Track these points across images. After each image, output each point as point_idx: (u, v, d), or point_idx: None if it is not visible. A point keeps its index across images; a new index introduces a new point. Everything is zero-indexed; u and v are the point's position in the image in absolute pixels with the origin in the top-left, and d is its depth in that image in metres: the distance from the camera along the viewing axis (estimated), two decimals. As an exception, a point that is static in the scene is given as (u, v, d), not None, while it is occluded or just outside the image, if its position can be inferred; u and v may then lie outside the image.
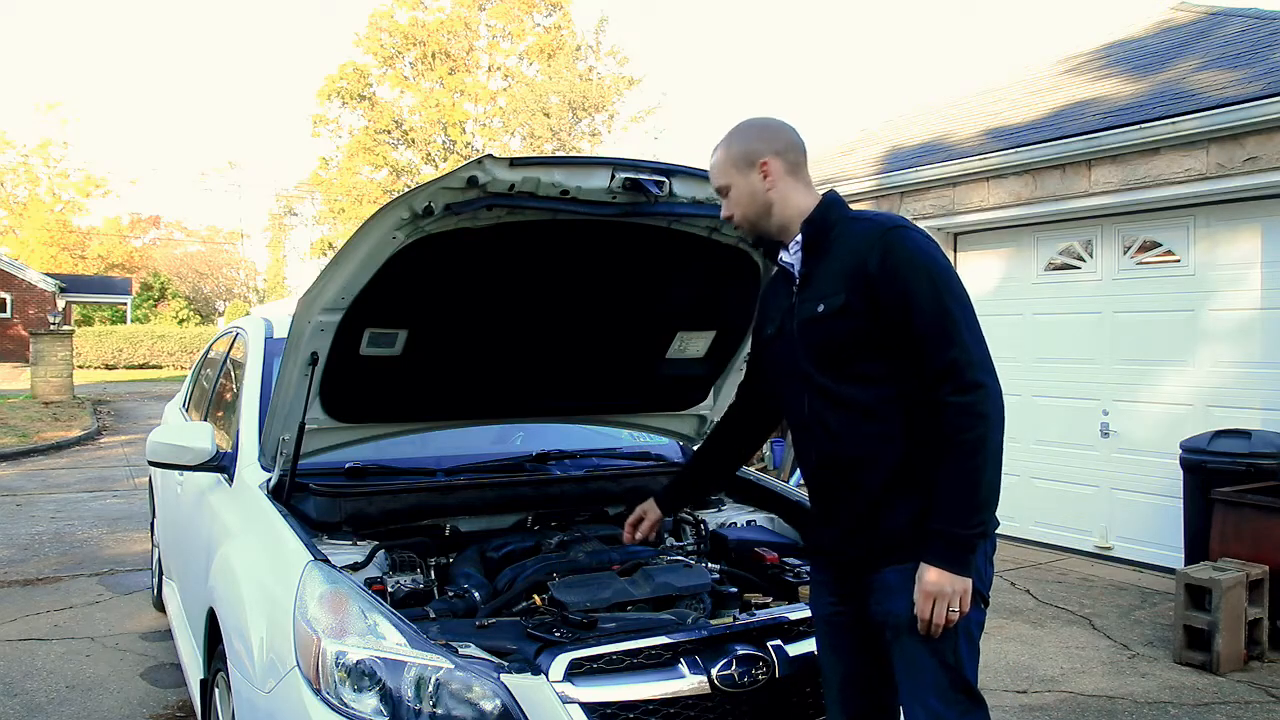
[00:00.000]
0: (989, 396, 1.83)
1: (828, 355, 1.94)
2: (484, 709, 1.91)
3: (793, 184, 2.01)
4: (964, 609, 1.82)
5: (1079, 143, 6.17)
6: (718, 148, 2.06)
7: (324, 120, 31.55)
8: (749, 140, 2.02)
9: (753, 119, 2.07)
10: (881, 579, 1.92)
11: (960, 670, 1.87)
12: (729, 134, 2.06)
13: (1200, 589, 4.31)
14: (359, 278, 2.28)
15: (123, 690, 3.95)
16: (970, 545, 1.81)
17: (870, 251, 1.87)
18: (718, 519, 3.13)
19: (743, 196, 2.02)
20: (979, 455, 1.81)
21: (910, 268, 1.84)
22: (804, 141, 2.07)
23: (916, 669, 1.88)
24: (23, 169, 45.58)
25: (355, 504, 2.67)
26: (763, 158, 1.99)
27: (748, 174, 2.00)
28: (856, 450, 1.93)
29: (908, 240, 1.87)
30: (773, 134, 2.02)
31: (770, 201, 2.00)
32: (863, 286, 1.87)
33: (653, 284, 2.75)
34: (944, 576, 1.80)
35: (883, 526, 1.92)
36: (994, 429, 1.82)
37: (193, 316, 44.72)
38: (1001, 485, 1.88)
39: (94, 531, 7.11)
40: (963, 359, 1.82)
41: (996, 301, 7.12)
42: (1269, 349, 5.50)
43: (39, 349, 17.50)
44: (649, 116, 32.49)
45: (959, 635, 1.86)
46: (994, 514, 1.87)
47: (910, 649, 1.88)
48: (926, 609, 1.82)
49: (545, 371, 2.89)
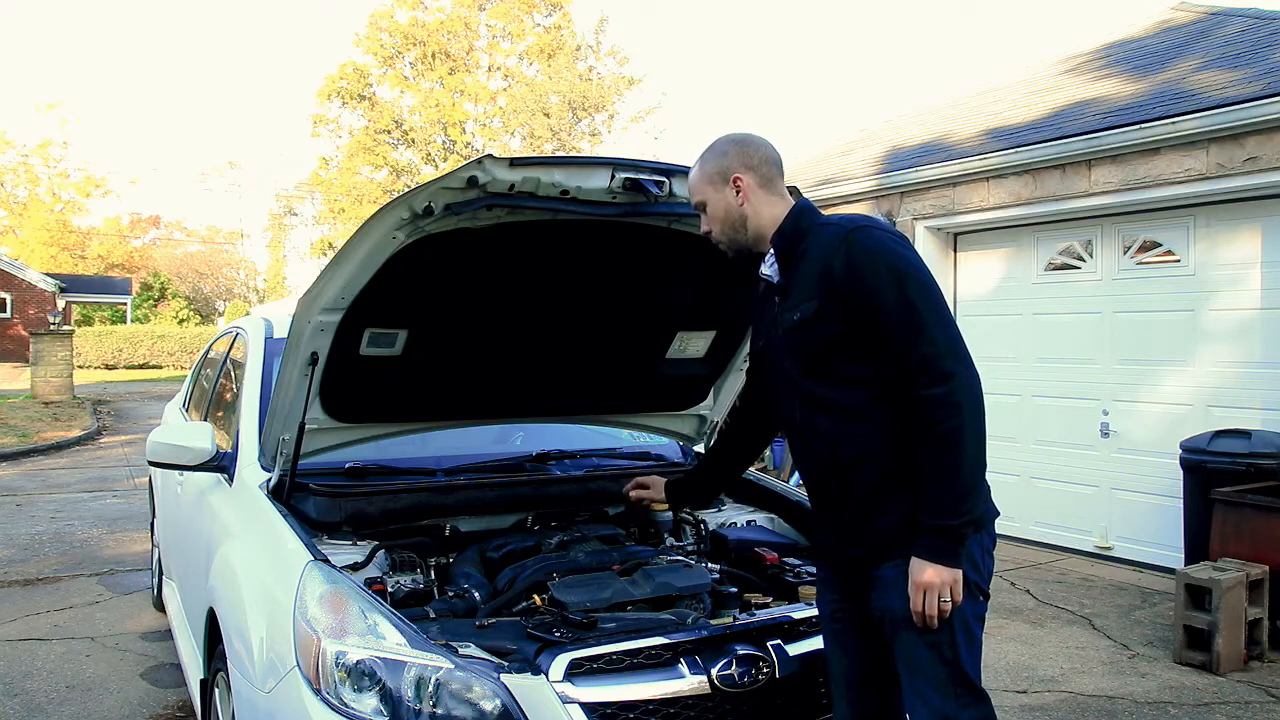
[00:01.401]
0: (961, 385, 1.83)
1: (810, 361, 1.97)
2: (484, 709, 1.91)
3: (765, 197, 2.05)
4: (955, 599, 1.84)
5: (1079, 143, 6.17)
6: (693, 165, 2.11)
7: (324, 120, 31.56)
8: (722, 157, 2.06)
9: (727, 135, 2.11)
10: (879, 575, 1.95)
11: (959, 663, 1.89)
12: (704, 151, 2.11)
13: (1200, 589, 4.31)
14: (359, 278, 2.28)
15: (123, 690, 3.95)
16: (958, 536, 1.84)
17: (835, 255, 1.91)
18: (718, 519, 3.13)
19: (718, 212, 2.07)
20: (957, 445, 1.82)
21: (872, 266, 1.87)
22: (779, 155, 2.10)
23: (916, 663, 1.91)
24: (23, 169, 45.60)
25: (355, 504, 2.67)
26: (735, 173, 2.04)
27: (722, 189, 2.06)
28: (847, 452, 1.95)
29: (869, 240, 1.90)
30: (746, 149, 2.06)
31: (744, 215, 2.05)
32: (831, 290, 1.91)
33: (653, 284, 2.76)
34: (933, 569, 1.83)
35: (877, 525, 1.95)
36: (970, 417, 1.82)
37: (193, 316, 44.73)
38: (987, 471, 1.89)
39: (94, 531, 7.11)
40: (931, 352, 1.83)
41: (996, 301, 7.12)
42: (1269, 349, 5.50)
43: (39, 349, 17.51)
44: (649, 116, 32.58)
45: (955, 628, 1.88)
46: (982, 503, 1.88)
47: (908, 643, 1.91)
48: (918, 601, 1.84)
49: (545, 371, 2.89)
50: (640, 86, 31.75)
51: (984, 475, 1.87)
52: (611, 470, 3.20)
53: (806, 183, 7.97)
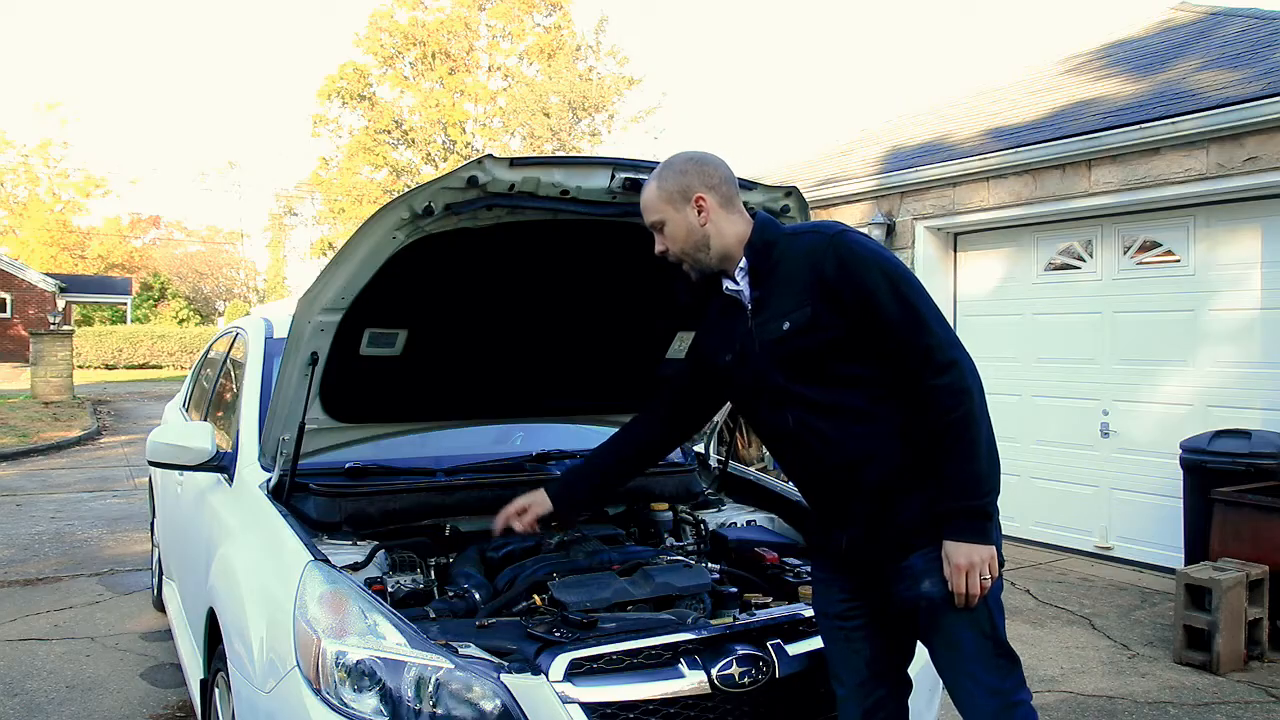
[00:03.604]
0: (965, 371, 1.91)
1: (803, 367, 1.97)
2: (484, 709, 1.91)
3: (727, 216, 2.06)
4: (993, 574, 1.90)
5: (1079, 143, 6.17)
6: (648, 182, 2.09)
7: (324, 120, 31.57)
8: (682, 175, 2.04)
9: (683, 153, 2.09)
10: (908, 567, 1.96)
11: (997, 635, 1.95)
12: (660, 169, 2.08)
13: (1200, 589, 4.31)
14: (359, 278, 2.28)
15: (123, 690, 3.95)
16: (986, 514, 1.90)
17: (824, 261, 1.93)
18: (718, 519, 3.13)
19: (679, 231, 2.06)
20: (972, 428, 1.88)
21: (865, 269, 1.92)
22: (733, 174, 2.10)
23: (958, 644, 1.94)
24: (23, 169, 45.57)
25: (355, 504, 2.67)
26: (697, 192, 2.03)
27: (683, 209, 2.04)
28: (856, 452, 1.96)
29: (856, 244, 1.95)
30: (705, 168, 2.05)
31: (707, 235, 2.04)
32: (826, 295, 1.93)
33: (652, 284, 2.75)
34: (971, 549, 1.88)
35: (898, 521, 1.96)
36: (977, 400, 1.90)
37: (193, 316, 44.75)
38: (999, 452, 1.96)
39: (94, 531, 7.11)
40: (933, 343, 1.90)
41: (996, 301, 7.12)
42: (1269, 349, 5.50)
43: (39, 349, 17.51)
44: (649, 116, 32.59)
45: (991, 603, 1.94)
46: (998, 479, 1.94)
47: (949, 626, 1.94)
48: (961, 583, 1.88)
49: (545, 371, 2.89)
50: (640, 86, 31.79)
51: (997, 449, 1.94)
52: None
53: (806, 183, 7.95)
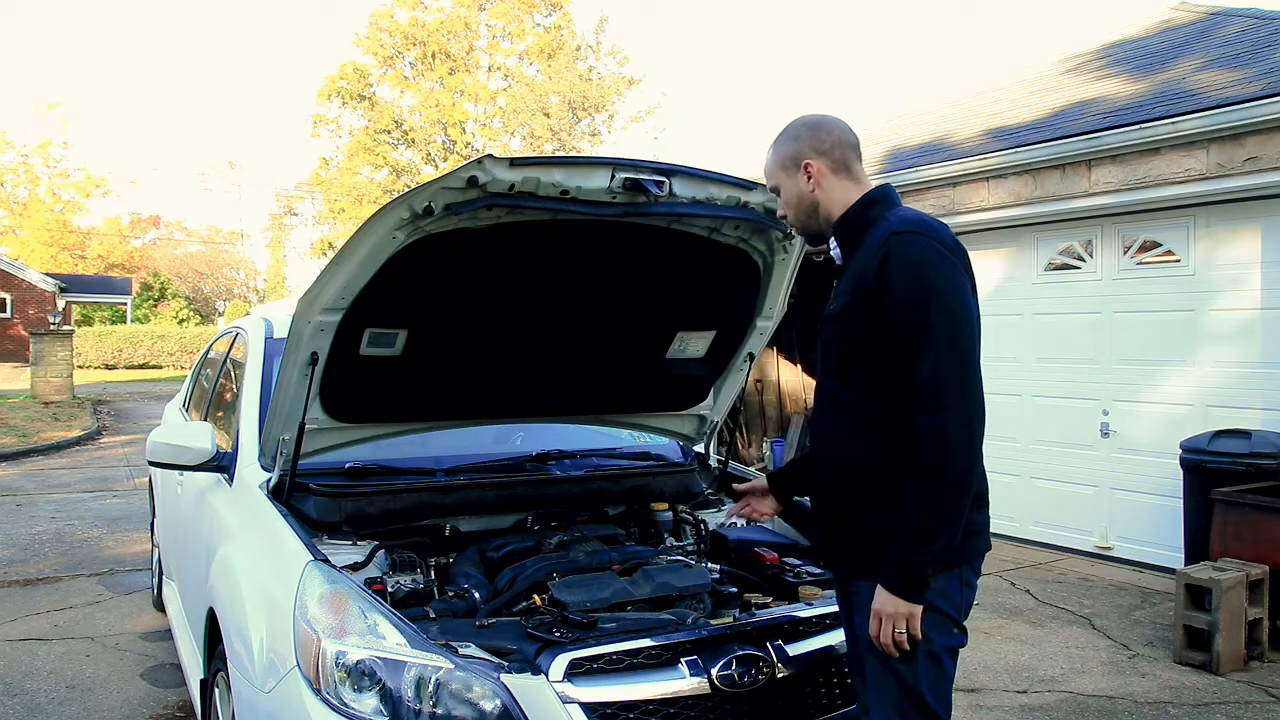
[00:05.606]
0: (955, 420, 1.73)
1: (832, 355, 1.96)
2: (484, 709, 1.91)
3: (838, 182, 2.01)
4: (913, 633, 1.79)
5: (1079, 143, 6.17)
6: (769, 150, 2.09)
7: (324, 120, 31.58)
8: (794, 141, 2.03)
9: (801, 118, 2.07)
10: (854, 590, 1.94)
11: (918, 692, 1.83)
12: (778, 135, 2.08)
13: (1200, 589, 4.31)
14: (359, 278, 2.28)
15: (123, 690, 3.95)
16: (920, 571, 1.77)
17: (874, 256, 1.85)
18: (718, 519, 3.13)
19: (791, 197, 2.05)
20: (935, 484, 1.74)
21: (902, 277, 1.79)
22: (855, 136, 2.05)
23: (879, 683, 1.89)
24: (23, 169, 45.56)
25: (355, 504, 2.66)
26: (807, 159, 2.00)
27: (794, 175, 2.03)
28: (838, 454, 1.94)
29: (909, 248, 1.81)
30: (818, 133, 2.02)
31: (816, 202, 2.02)
32: (864, 290, 1.86)
33: (653, 284, 2.75)
34: (893, 601, 1.79)
35: (849, 534, 1.93)
36: (956, 456, 1.74)
37: (193, 316, 44.75)
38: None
39: (94, 531, 7.11)
40: (932, 377, 1.74)
41: (997, 301, 7.12)
42: (1269, 349, 5.50)
43: (39, 349, 17.51)
44: (649, 116, 32.64)
45: (919, 658, 1.83)
46: (950, 543, 1.77)
47: (873, 663, 1.89)
48: (875, 628, 1.82)
49: (545, 371, 2.89)
50: (640, 86, 31.81)
51: (958, 516, 1.77)
52: (611, 470, 3.20)
53: (806, 183, 7.93)
